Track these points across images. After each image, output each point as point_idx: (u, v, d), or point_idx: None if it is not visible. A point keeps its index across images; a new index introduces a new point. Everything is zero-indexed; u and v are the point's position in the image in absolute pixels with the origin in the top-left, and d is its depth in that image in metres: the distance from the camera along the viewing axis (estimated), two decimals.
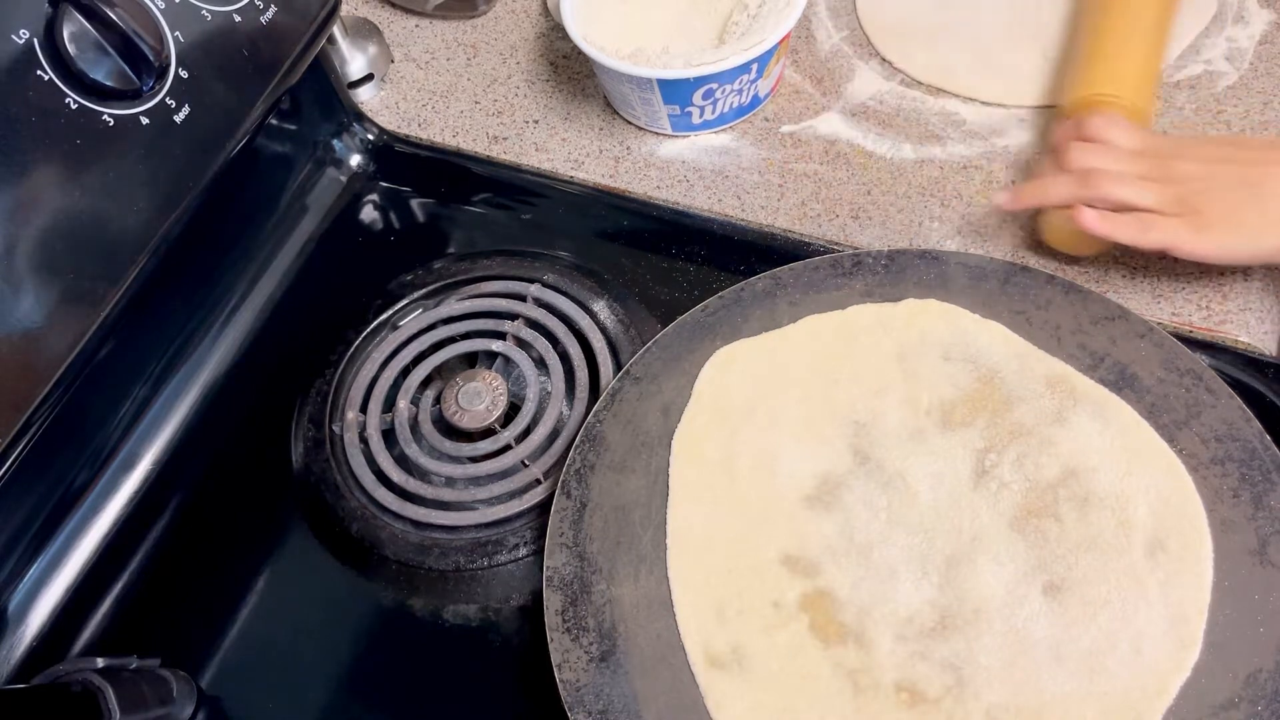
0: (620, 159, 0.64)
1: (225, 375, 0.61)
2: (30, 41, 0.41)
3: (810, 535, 0.47)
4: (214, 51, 0.48)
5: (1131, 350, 0.48)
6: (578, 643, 0.45)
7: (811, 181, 0.61)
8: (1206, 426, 0.45)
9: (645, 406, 0.51)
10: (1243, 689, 0.40)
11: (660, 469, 0.50)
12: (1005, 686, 0.42)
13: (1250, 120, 0.58)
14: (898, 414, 0.49)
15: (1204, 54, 0.61)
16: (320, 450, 0.56)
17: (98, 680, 0.44)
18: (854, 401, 0.50)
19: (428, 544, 0.52)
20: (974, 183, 0.59)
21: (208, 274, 0.61)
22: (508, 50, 0.72)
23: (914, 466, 0.47)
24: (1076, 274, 0.54)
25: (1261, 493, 0.43)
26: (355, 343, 0.60)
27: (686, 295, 0.59)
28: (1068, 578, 0.44)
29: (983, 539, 0.45)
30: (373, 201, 0.68)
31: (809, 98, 0.65)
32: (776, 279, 0.53)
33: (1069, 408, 0.47)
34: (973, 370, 0.49)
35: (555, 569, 0.47)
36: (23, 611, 0.53)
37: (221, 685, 0.51)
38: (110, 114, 0.44)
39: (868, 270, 0.52)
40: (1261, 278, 0.53)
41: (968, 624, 0.43)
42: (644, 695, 0.44)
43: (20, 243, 0.41)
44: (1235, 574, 0.42)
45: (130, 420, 0.58)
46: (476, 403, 0.55)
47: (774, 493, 0.48)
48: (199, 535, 0.56)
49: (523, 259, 0.62)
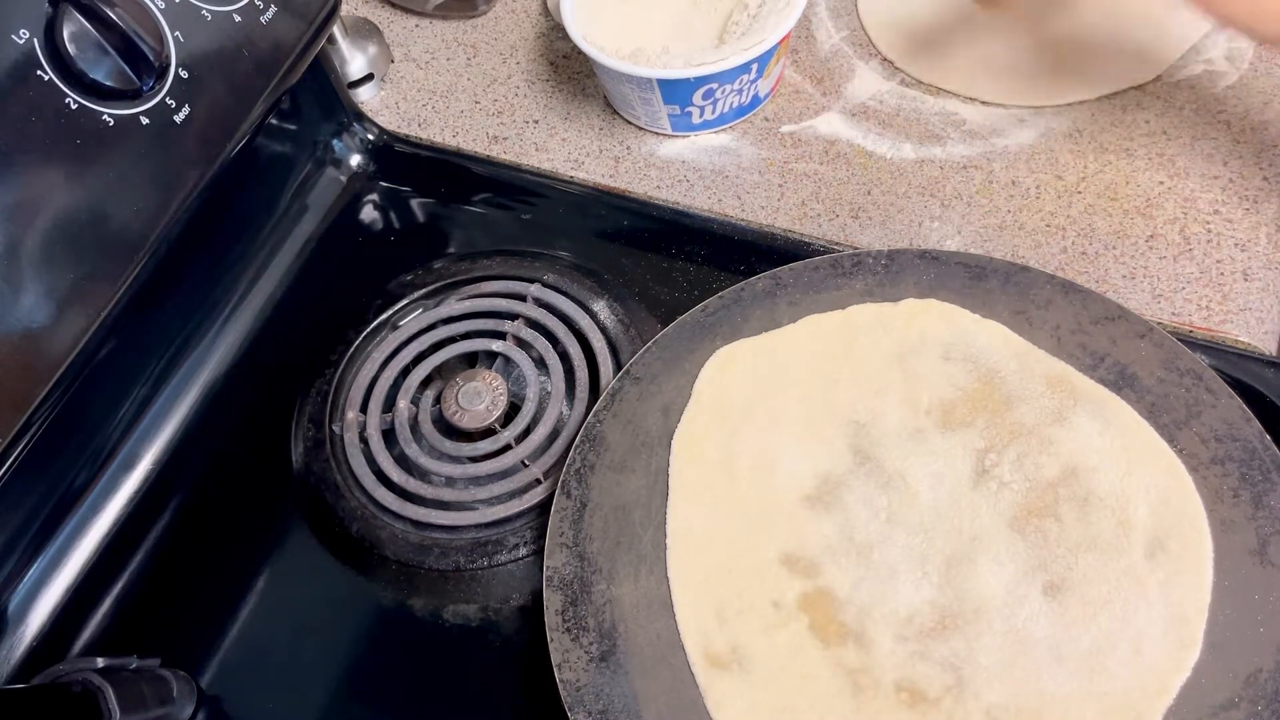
0: (620, 159, 0.64)
1: (225, 375, 0.61)
2: (30, 41, 0.41)
3: (810, 535, 0.47)
4: (214, 51, 0.48)
5: (1131, 350, 0.48)
6: (578, 643, 0.45)
7: (811, 181, 0.61)
8: (1206, 426, 0.45)
9: (645, 406, 0.51)
10: (1243, 689, 0.40)
11: (660, 469, 0.50)
12: (1005, 686, 0.42)
13: (1250, 120, 0.58)
14: (898, 414, 0.49)
15: (1204, 54, 0.61)
16: (320, 450, 0.56)
17: (98, 680, 0.44)
18: (854, 401, 0.50)
19: (428, 544, 0.52)
20: (974, 183, 0.59)
21: (208, 274, 0.61)
22: (508, 50, 0.72)
23: (914, 466, 0.47)
24: (1076, 274, 0.54)
25: (1261, 493, 0.43)
26: (355, 343, 0.60)
27: (686, 295, 0.59)
28: (1068, 578, 0.44)
29: (983, 539, 0.45)
30: (373, 201, 0.68)
31: (809, 98, 0.65)
32: (776, 279, 0.53)
33: (1069, 408, 0.47)
34: (972, 370, 0.49)
35: (555, 569, 0.47)
36: (23, 611, 0.53)
37: (221, 685, 0.51)
38: (110, 114, 0.43)
39: (868, 270, 0.52)
40: (1261, 278, 0.53)
41: (968, 624, 0.43)
42: (644, 695, 0.44)
43: (20, 243, 0.41)
44: (1235, 574, 0.42)
45: (130, 420, 0.58)
46: (476, 403, 0.55)
47: (773, 493, 0.48)
48: (199, 535, 0.56)
49: (523, 259, 0.62)
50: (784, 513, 0.48)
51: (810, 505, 0.48)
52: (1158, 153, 0.58)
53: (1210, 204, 0.56)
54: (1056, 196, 0.58)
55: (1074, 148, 0.59)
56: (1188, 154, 0.58)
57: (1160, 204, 0.56)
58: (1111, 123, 0.60)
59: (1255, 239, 0.54)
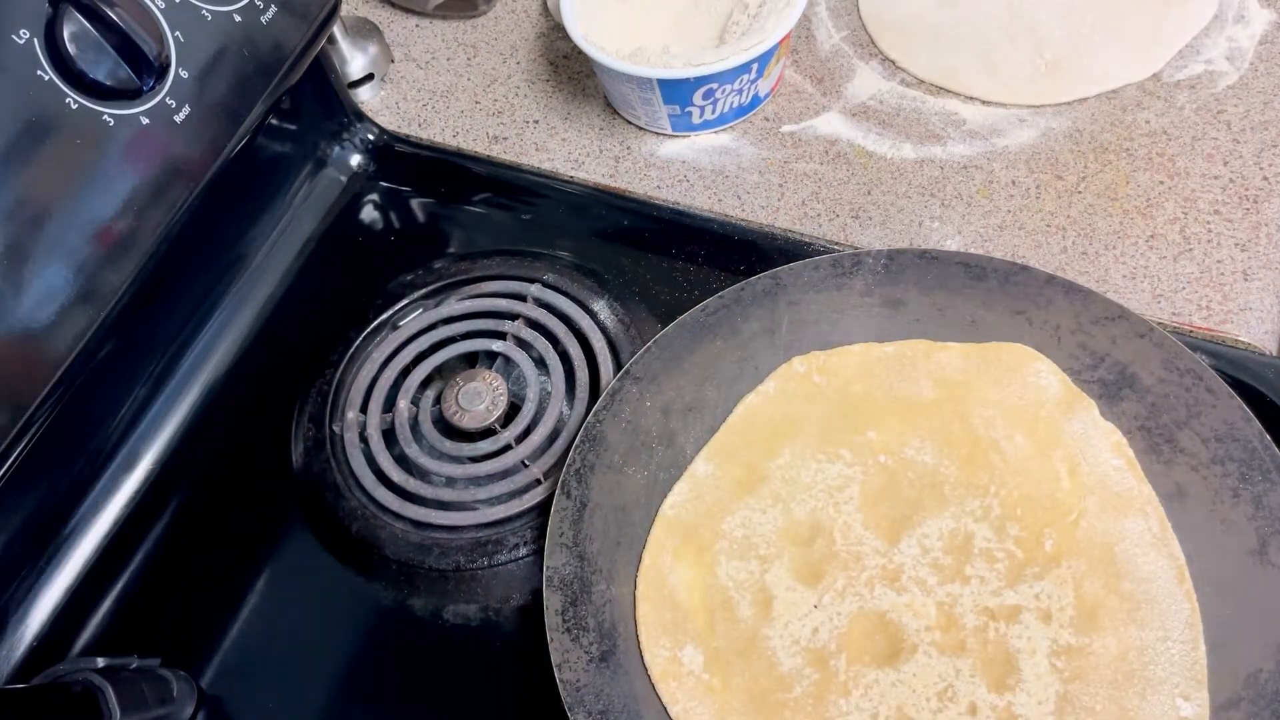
0: (620, 159, 0.64)
1: (225, 375, 0.61)
2: (30, 41, 0.41)
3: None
4: (214, 51, 0.48)
5: (1131, 350, 0.48)
6: (578, 643, 0.45)
7: (812, 181, 0.61)
8: (1206, 426, 0.45)
9: (645, 406, 0.51)
10: (1243, 689, 0.40)
11: (660, 468, 0.50)
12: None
13: (1251, 120, 0.58)
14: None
15: (1204, 53, 0.61)
16: (320, 450, 0.56)
17: (98, 680, 0.44)
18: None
19: (428, 544, 0.52)
20: (974, 183, 0.59)
21: (208, 274, 0.61)
22: (508, 50, 0.72)
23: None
24: (1076, 274, 0.54)
25: (1261, 493, 0.43)
26: (355, 343, 0.60)
27: (686, 295, 0.59)
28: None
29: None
30: (373, 201, 0.68)
31: (809, 97, 0.65)
32: (776, 279, 0.53)
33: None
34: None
35: (555, 569, 0.47)
36: (23, 611, 0.53)
37: (221, 685, 0.51)
38: (110, 114, 0.43)
39: (868, 270, 0.52)
40: (1261, 278, 0.53)
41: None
42: (644, 695, 0.44)
43: (20, 243, 0.41)
44: (1235, 574, 0.42)
45: (130, 420, 0.58)
46: (476, 403, 0.55)
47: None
48: (199, 535, 0.56)
49: (523, 259, 0.62)
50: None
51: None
52: (1158, 153, 0.58)
53: (1210, 204, 0.56)
54: (1056, 196, 0.58)
55: (1074, 148, 0.59)
56: (1188, 154, 0.58)
57: (1160, 204, 0.56)
58: (1111, 123, 0.60)
59: (1255, 239, 0.54)
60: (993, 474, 0.47)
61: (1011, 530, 0.45)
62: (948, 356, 0.50)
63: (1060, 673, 0.42)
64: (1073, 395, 0.48)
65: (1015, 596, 0.44)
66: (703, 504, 0.48)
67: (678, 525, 0.48)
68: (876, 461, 0.48)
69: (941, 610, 0.44)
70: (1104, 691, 0.41)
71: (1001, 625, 0.43)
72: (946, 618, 0.44)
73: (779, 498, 0.48)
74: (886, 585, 0.45)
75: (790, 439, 0.49)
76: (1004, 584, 0.44)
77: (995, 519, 0.45)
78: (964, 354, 0.50)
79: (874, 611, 0.44)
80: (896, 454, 0.48)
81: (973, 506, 0.46)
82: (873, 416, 0.49)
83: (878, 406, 0.49)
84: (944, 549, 0.45)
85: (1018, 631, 0.43)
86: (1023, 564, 0.44)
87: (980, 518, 0.46)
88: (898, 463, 0.48)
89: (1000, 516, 0.45)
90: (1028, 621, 0.43)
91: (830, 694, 0.43)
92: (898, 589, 0.45)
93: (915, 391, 0.50)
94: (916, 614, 0.44)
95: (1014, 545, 0.45)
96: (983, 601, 0.44)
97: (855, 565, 0.45)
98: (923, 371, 0.50)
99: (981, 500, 0.46)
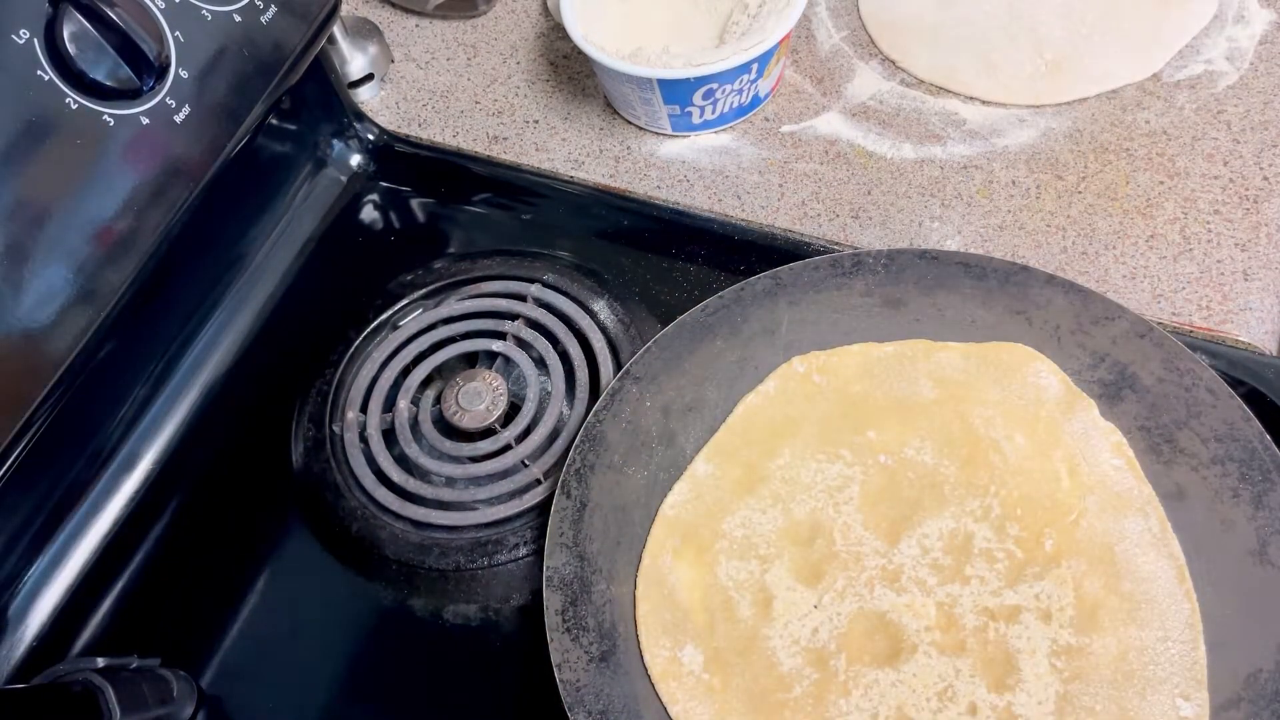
0: (620, 159, 0.64)
1: (225, 375, 0.61)
2: (30, 41, 0.41)
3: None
4: (214, 51, 0.48)
5: (1131, 350, 0.48)
6: (578, 643, 0.45)
7: (811, 181, 0.61)
8: (1206, 426, 0.45)
9: (645, 406, 0.51)
10: (1243, 689, 0.40)
11: (660, 468, 0.50)
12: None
13: (1251, 120, 0.58)
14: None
15: (1204, 53, 0.61)
16: (320, 450, 0.56)
17: (98, 680, 0.44)
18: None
19: (428, 544, 0.52)
20: (974, 183, 0.59)
21: (208, 274, 0.61)
22: (508, 50, 0.72)
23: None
24: (1076, 274, 0.54)
25: (1261, 493, 0.43)
26: (355, 343, 0.60)
27: (686, 295, 0.59)
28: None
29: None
30: (373, 201, 0.68)
31: (809, 98, 0.65)
32: (776, 279, 0.53)
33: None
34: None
35: (555, 569, 0.47)
36: (23, 611, 0.53)
37: (221, 685, 0.51)
38: (110, 114, 0.43)
39: (868, 270, 0.52)
40: (1261, 278, 0.53)
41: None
42: (644, 695, 0.44)
43: (20, 243, 0.41)
44: (1235, 574, 0.42)
45: (130, 420, 0.58)
46: (476, 403, 0.55)
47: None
48: (199, 535, 0.56)
49: (523, 259, 0.62)
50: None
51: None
52: (1158, 153, 0.58)
53: (1210, 204, 0.56)
54: (1056, 196, 0.58)
55: (1074, 148, 0.59)
56: (1188, 154, 0.58)
57: (1160, 204, 0.56)
58: (1111, 123, 0.60)
59: (1255, 239, 0.54)
60: (993, 474, 0.47)
61: (1011, 530, 0.45)
62: (948, 356, 0.50)
63: (1060, 673, 0.42)
64: (1073, 395, 0.48)
65: (1015, 596, 0.44)
66: (703, 504, 0.48)
67: (678, 525, 0.48)
68: (876, 461, 0.48)
69: (941, 610, 0.44)
70: (1104, 691, 0.41)
71: (1001, 625, 0.43)
72: (946, 618, 0.44)
73: (779, 498, 0.48)
74: (886, 585, 0.45)
75: (790, 439, 0.49)
76: (1004, 584, 0.44)
77: (995, 519, 0.45)
78: (964, 354, 0.50)
79: (874, 611, 0.44)
80: (896, 454, 0.48)
81: (973, 506, 0.46)
82: (873, 416, 0.49)
83: (878, 406, 0.49)
84: (944, 549, 0.45)
85: (1018, 631, 0.43)
86: (1023, 564, 0.44)
87: (980, 518, 0.46)
88: (898, 463, 0.48)
89: (1000, 516, 0.45)
90: (1028, 621, 0.43)
91: (830, 694, 0.43)
92: (898, 589, 0.45)
93: (915, 391, 0.50)
94: (916, 614, 0.44)
95: (1014, 545, 0.45)
96: (983, 601, 0.44)
97: (855, 565, 0.45)
98: (922, 371, 0.50)
99: (981, 500, 0.46)
